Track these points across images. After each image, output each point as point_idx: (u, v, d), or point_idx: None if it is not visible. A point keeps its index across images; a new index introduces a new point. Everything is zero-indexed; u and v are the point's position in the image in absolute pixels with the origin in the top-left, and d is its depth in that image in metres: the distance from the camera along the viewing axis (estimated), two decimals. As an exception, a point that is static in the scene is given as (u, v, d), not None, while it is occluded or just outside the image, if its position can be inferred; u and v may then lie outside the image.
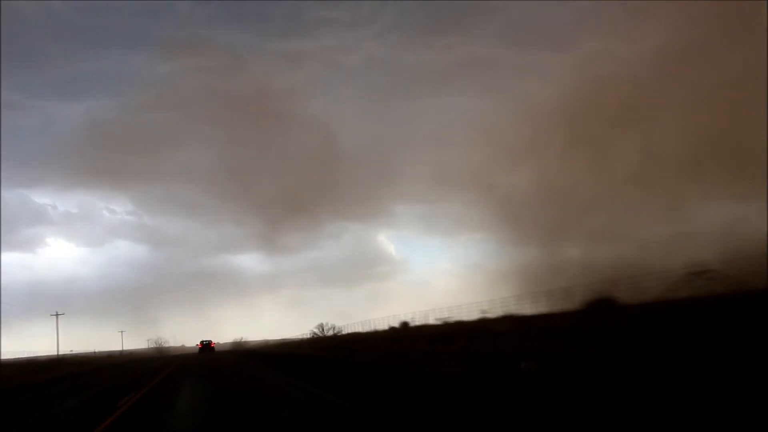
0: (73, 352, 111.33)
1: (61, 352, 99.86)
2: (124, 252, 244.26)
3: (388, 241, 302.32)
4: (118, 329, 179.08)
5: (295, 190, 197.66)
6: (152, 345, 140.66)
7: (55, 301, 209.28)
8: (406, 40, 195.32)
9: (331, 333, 71.87)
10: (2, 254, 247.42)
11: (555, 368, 13.33)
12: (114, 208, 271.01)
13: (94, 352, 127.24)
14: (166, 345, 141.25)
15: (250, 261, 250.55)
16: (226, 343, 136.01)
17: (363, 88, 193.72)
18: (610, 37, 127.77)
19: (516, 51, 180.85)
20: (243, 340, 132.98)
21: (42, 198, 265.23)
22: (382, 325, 59.40)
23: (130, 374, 34.34)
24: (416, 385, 15.12)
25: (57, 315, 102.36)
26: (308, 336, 78.07)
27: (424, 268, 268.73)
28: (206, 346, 73.05)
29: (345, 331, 70.81)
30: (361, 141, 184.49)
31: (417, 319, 52.61)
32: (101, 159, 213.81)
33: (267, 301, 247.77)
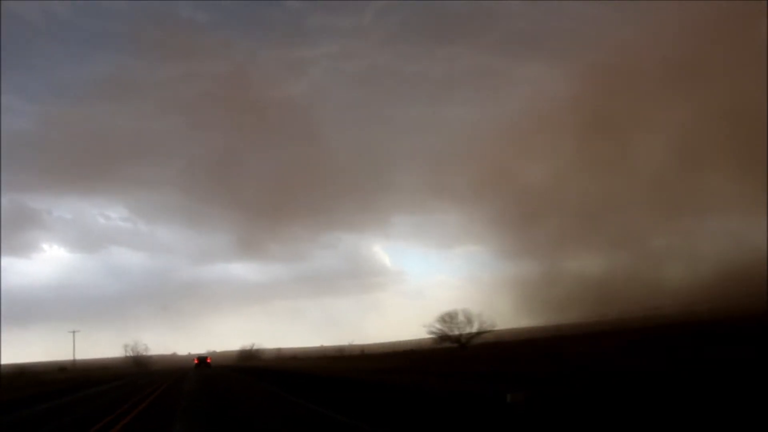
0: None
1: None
2: (117, 258, 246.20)
3: (383, 251, 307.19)
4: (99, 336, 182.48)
5: (290, 198, 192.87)
6: (128, 353, 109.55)
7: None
8: (408, 49, 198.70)
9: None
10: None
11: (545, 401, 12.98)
12: (109, 214, 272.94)
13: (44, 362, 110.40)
14: (147, 353, 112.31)
15: (243, 270, 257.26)
16: (224, 351, 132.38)
17: (363, 96, 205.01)
18: (610, 46, 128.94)
19: (516, 61, 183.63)
20: (255, 348, 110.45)
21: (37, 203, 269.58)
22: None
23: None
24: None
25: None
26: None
27: (420, 279, 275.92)
28: (202, 362, 71.40)
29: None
30: (359, 149, 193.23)
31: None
32: (97, 164, 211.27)
33: (256, 312, 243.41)
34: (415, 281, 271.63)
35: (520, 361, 28.31)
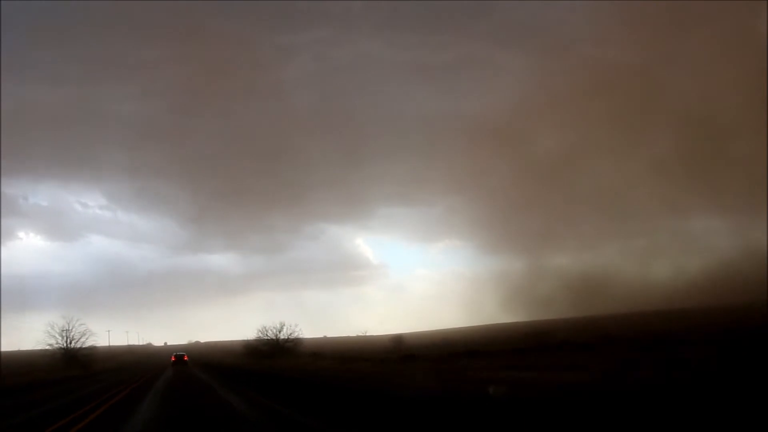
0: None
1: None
2: (96, 247, 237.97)
3: (365, 245, 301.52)
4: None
5: (273, 188, 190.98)
6: (56, 342, 64.92)
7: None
8: (398, 37, 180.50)
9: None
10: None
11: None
12: (86, 201, 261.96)
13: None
14: (86, 344, 66.50)
15: (224, 261, 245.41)
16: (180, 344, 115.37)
17: (352, 83, 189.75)
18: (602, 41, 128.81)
19: (508, 52, 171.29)
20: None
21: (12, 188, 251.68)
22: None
23: None
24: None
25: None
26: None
27: (402, 273, 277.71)
28: (179, 359, 64.16)
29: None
30: (346, 139, 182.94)
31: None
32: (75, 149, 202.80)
33: (237, 302, 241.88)
34: (396, 275, 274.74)
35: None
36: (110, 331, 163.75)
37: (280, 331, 63.25)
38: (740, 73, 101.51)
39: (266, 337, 63.91)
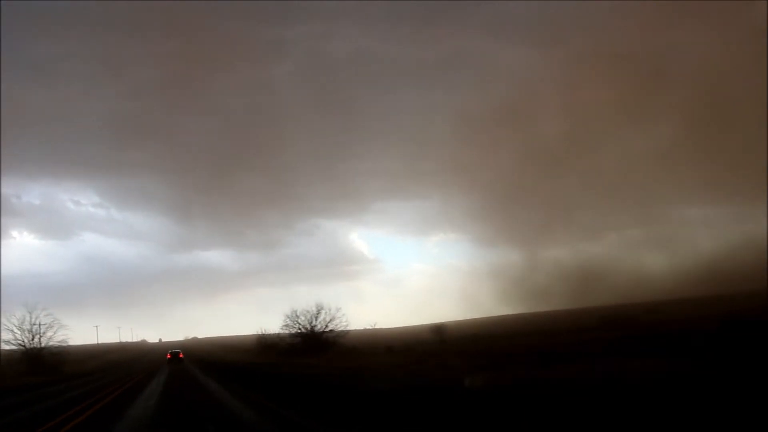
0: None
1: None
2: (90, 246, 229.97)
3: (360, 239, 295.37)
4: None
5: (267, 184, 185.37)
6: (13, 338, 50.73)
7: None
8: (392, 31, 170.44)
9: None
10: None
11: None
12: (79, 199, 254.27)
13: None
14: (54, 341, 51.81)
15: (219, 257, 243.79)
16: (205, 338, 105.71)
17: (345, 78, 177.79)
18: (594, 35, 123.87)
19: (502, 45, 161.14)
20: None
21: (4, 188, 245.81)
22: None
23: None
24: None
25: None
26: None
27: (397, 267, 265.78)
28: (175, 357, 60.92)
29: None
30: (340, 134, 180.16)
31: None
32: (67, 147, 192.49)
33: (232, 299, 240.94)
34: (391, 270, 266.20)
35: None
36: (98, 327, 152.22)
37: (316, 317, 45.60)
38: (737, 64, 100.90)
39: (297, 327, 46.14)
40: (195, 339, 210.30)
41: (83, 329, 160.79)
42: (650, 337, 26.21)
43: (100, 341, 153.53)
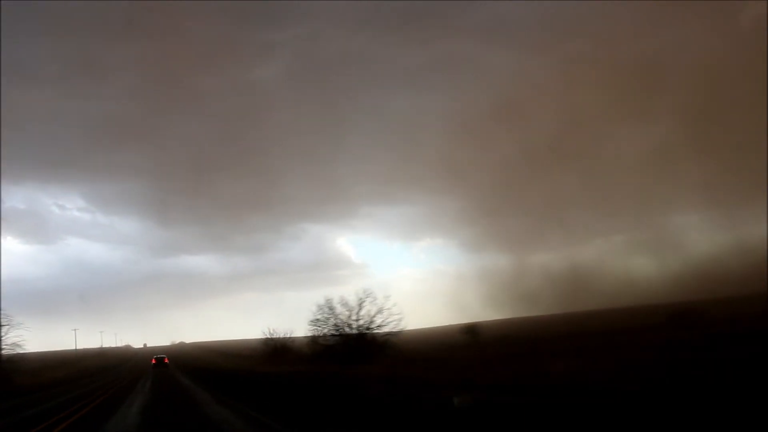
0: None
1: None
2: (75, 250, 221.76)
3: (348, 244, 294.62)
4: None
5: (255, 188, 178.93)
6: None
7: None
8: (380, 35, 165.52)
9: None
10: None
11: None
12: (64, 203, 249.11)
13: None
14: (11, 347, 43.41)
15: (205, 262, 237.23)
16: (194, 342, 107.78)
17: (334, 81, 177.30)
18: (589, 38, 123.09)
19: (490, 49, 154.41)
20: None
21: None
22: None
23: None
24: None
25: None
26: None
27: (384, 272, 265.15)
28: (160, 362, 61.13)
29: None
30: (328, 138, 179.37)
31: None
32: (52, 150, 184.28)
33: (219, 303, 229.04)
34: (379, 274, 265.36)
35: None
36: (78, 331, 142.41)
37: (359, 311, 33.39)
38: (734, 64, 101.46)
39: (333, 324, 34.02)
40: (182, 344, 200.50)
41: (64, 334, 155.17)
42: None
43: (80, 346, 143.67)
